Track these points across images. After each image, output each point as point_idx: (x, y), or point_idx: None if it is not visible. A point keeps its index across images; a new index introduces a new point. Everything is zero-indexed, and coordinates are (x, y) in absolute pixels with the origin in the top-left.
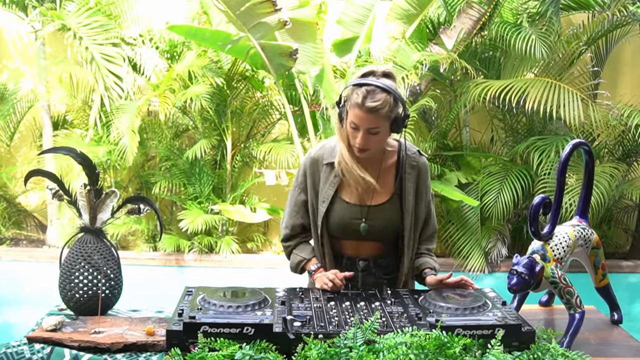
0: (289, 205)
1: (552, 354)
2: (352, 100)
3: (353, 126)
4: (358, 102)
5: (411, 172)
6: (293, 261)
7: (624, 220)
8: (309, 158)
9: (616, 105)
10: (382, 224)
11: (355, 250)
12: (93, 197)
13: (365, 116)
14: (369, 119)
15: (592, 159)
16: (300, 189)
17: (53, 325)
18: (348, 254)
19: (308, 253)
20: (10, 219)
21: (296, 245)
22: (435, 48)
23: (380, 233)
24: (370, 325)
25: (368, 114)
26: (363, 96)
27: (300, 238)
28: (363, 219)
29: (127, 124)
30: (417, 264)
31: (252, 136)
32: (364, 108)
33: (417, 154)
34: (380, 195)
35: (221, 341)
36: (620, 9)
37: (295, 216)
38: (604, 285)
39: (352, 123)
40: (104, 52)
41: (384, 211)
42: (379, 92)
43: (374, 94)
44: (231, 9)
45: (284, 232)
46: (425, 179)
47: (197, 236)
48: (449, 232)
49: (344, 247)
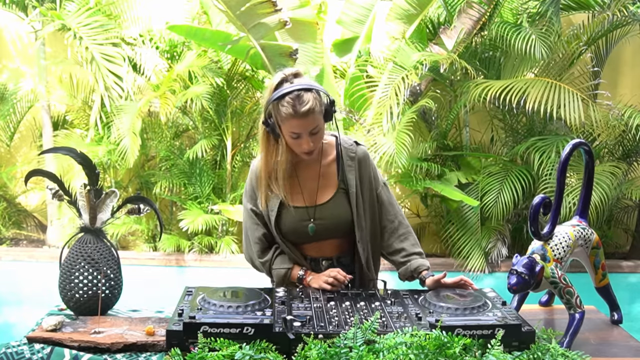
0: (248, 221)
1: (552, 354)
2: (282, 113)
3: (294, 136)
4: (290, 112)
5: (351, 164)
6: (278, 275)
7: (624, 220)
8: (251, 171)
9: (616, 105)
10: (331, 221)
11: (317, 251)
12: (93, 197)
13: (303, 121)
14: (308, 122)
15: (592, 159)
16: (251, 203)
17: (53, 325)
18: (311, 256)
19: (289, 262)
20: (10, 219)
21: (273, 260)
22: (435, 48)
23: (332, 230)
24: (370, 325)
25: (305, 119)
26: (292, 105)
27: (273, 250)
28: (311, 219)
29: (128, 125)
30: (411, 267)
31: (252, 136)
32: (299, 114)
33: (354, 144)
34: (325, 192)
35: (221, 341)
36: (620, 9)
37: (256, 229)
38: (604, 285)
39: (293, 133)
40: (104, 52)
41: (330, 208)
42: (303, 94)
43: (300, 97)
44: (231, 9)
45: (255, 248)
46: (367, 168)
47: (197, 236)
48: (449, 232)
49: (305, 249)
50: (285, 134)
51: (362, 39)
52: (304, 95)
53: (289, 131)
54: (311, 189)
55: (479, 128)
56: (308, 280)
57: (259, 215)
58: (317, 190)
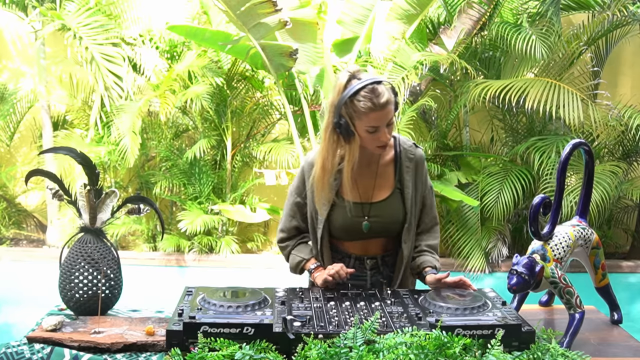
0: (286, 208)
1: (552, 354)
2: (360, 108)
3: (372, 130)
4: (369, 105)
5: (409, 165)
6: (292, 262)
7: (624, 220)
8: (307, 163)
9: (616, 106)
10: (385, 220)
11: (363, 249)
12: (93, 197)
13: (381, 113)
14: (385, 114)
15: (592, 159)
16: (297, 193)
17: (53, 325)
18: (355, 254)
19: (307, 253)
20: (10, 219)
21: (294, 246)
22: (435, 48)
23: (383, 229)
24: (370, 325)
25: (383, 110)
26: (369, 98)
27: (297, 239)
28: (365, 217)
29: (128, 125)
30: (417, 262)
31: (252, 136)
32: (378, 106)
33: (413, 146)
34: (381, 191)
35: (221, 341)
36: (620, 9)
37: (291, 220)
38: (604, 285)
39: (371, 127)
40: (104, 52)
41: (386, 207)
42: (376, 86)
43: (375, 91)
44: (231, 9)
45: (279, 235)
46: (422, 171)
47: (197, 236)
48: (449, 232)
49: (349, 247)
50: (360, 130)
51: (362, 39)
52: (377, 87)
53: (367, 125)
54: (367, 187)
55: (479, 128)
56: (315, 275)
57: (300, 207)
58: (374, 188)
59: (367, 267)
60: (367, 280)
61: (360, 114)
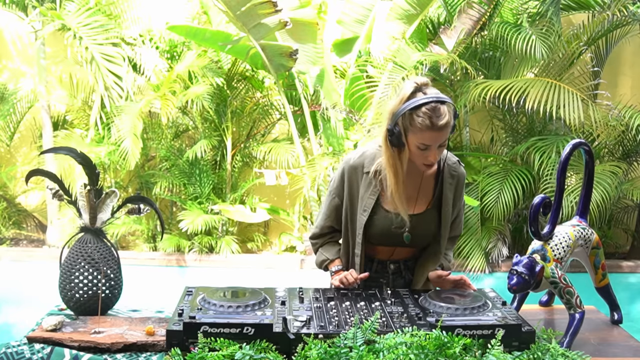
0: (324, 206)
1: (552, 354)
2: (417, 124)
3: (422, 147)
4: (427, 124)
5: (451, 182)
6: (318, 259)
7: (624, 220)
8: (348, 165)
9: (616, 106)
10: (423, 232)
11: (389, 254)
12: (93, 197)
13: (437, 134)
14: (441, 135)
15: (592, 159)
16: (335, 194)
17: (53, 325)
18: (380, 258)
19: (333, 254)
20: (10, 219)
21: (323, 244)
22: (435, 48)
23: (420, 241)
24: (370, 325)
25: (440, 132)
26: (429, 117)
27: (328, 237)
28: (406, 229)
29: (129, 126)
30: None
31: (252, 136)
32: (436, 127)
33: (457, 163)
34: (420, 204)
35: (221, 341)
36: (620, 9)
37: (326, 219)
38: (604, 285)
39: (422, 144)
40: (104, 52)
41: (424, 220)
42: (439, 106)
43: (437, 110)
44: (231, 9)
45: (313, 231)
46: (461, 189)
47: (197, 236)
48: None
49: (378, 252)
50: (411, 144)
51: (362, 39)
52: (440, 107)
53: (418, 142)
54: (409, 198)
55: (479, 128)
56: (333, 279)
57: (338, 208)
58: (416, 200)
59: (389, 272)
60: (389, 283)
61: (415, 129)
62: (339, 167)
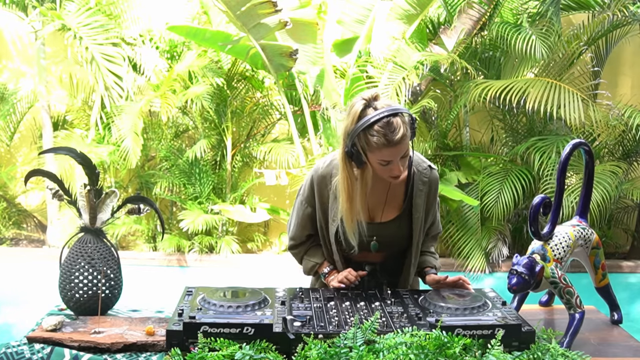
0: (296, 217)
1: (552, 354)
2: (373, 143)
3: (384, 164)
4: (382, 142)
5: (422, 189)
6: (306, 266)
7: (624, 220)
8: (317, 175)
9: (616, 105)
10: (391, 240)
11: (364, 258)
12: (93, 197)
13: (395, 149)
14: (400, 149)
15: (592, 159)
16: (307, 203)
17: (53, 325)
18: (355, 260)
19: (320, 257)
20: (10, 219)
21: (306, 251)
22: (435, 48)
23: (389, 247)
24: (370, 325)
25: (398, 146)
26: (383, 134)
27: (309, 244)
28: (373, 237)
29: (130, 126)
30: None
31: (252, 136)
32: (392, 144)
33: (429, 169)
34: (389, 211)
35: (221, 341)
36: (620, 9)
37: (302, 229)
38: (604, 285)
39: (383, 161)
40: (104, 52)
41: (392, 228)
42: (392, 119)
43: (390, 125)
44: (232, 9)
45: (290, 242)
46: (435, 193)
47: (197, 236)
48: (449, 232)
49: (353, 256)
50: (373, 162)
51: (362, 39)
52: (393, 121)
53: (379, 159)
54: (376, 205)
55: (479, 128)
56: (330, 279)
57: (311, 217)
58: (384, 208)
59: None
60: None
61: (372, 148)
62: (308, 176)
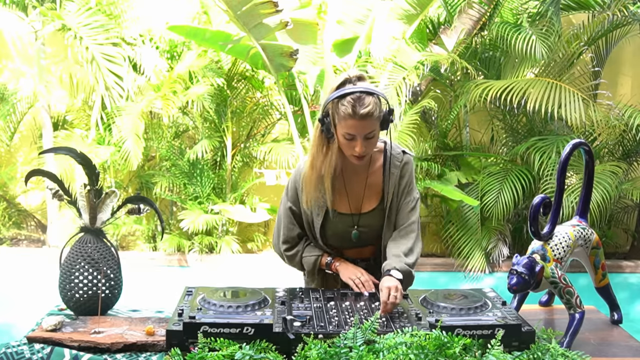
0: (284, 218)
1: (552, 354)
2: (341, 112)
3: (348, 137)
4: (349, 112)
5: (395, 172)
6: (308, 262)
7: (624, 220)
8: (299, 173)
9: (617, 105)
10: (373, 229)
11: (357, 253)
12: (93, 197)
13: (360, 123)
14: (364, 125)
15: (592, 159)
16: (292, 202)
17: (53, 325)
18: (348, 256)
19: (318, 250)
20: (10, 219)
21: (303, 249)
22: (435, 48)
23: (373, 238)
24: (370, 325)
25: (362, 121)
26: (352, 105)
27: (303, 243)
28: (355, 227)
29: (131, 127)
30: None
31: (253, 136)
32: (357, 116)
33: (402, 153)
34: (370, 200)
35: (221, 341)
36: (620, 9)
37: (292, 229)
38: (604, 285)
39: (347, 134)
40: (104, 52)
41: (374, 217)
42: (365, 97)
43: (361, 100)
44: (232, 9)
45: (283, 246)
46: (405, 176)
47: (198, 236)
48: (449, 232)
49: (345, 252)
50: (339, 134)
51: (362, 39)
52: (365, 98)
53: (344, 131)
54: (357, 196)
55: (479, 128)
56: (336, 265)
57: (297, 215)
58: (363, 198)
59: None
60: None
61: (340, 118)
62: (292, 177)
